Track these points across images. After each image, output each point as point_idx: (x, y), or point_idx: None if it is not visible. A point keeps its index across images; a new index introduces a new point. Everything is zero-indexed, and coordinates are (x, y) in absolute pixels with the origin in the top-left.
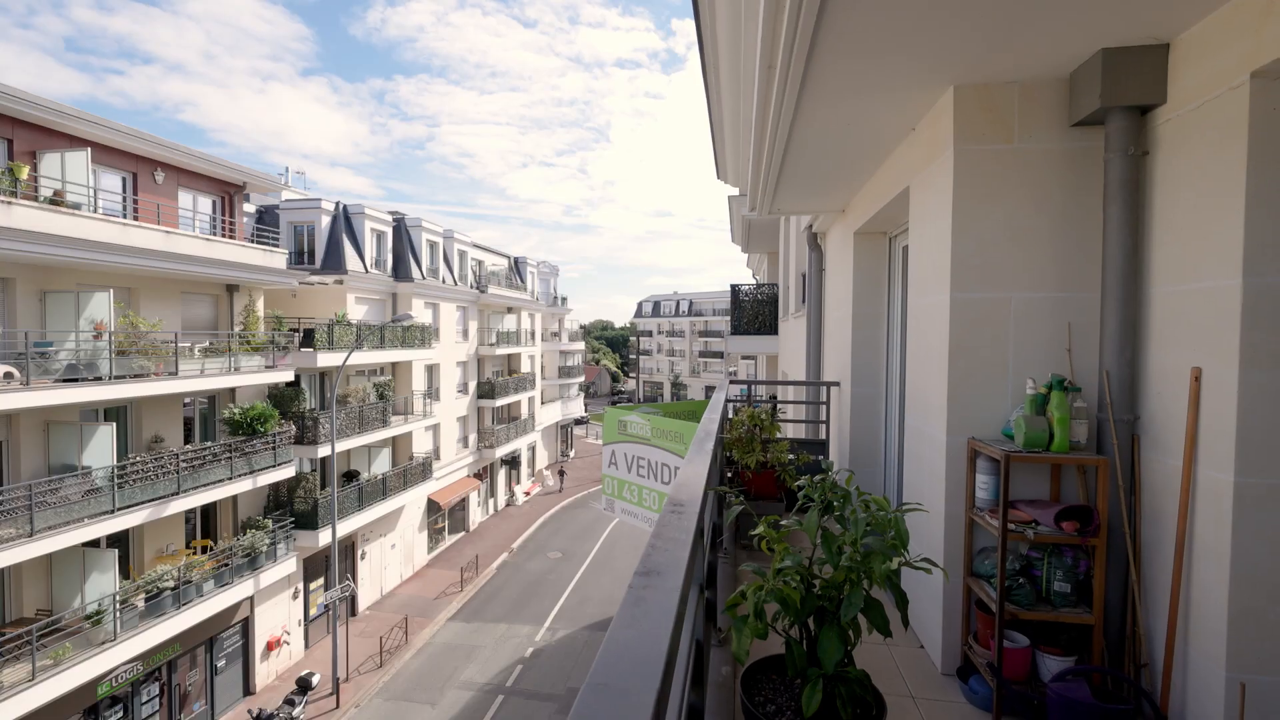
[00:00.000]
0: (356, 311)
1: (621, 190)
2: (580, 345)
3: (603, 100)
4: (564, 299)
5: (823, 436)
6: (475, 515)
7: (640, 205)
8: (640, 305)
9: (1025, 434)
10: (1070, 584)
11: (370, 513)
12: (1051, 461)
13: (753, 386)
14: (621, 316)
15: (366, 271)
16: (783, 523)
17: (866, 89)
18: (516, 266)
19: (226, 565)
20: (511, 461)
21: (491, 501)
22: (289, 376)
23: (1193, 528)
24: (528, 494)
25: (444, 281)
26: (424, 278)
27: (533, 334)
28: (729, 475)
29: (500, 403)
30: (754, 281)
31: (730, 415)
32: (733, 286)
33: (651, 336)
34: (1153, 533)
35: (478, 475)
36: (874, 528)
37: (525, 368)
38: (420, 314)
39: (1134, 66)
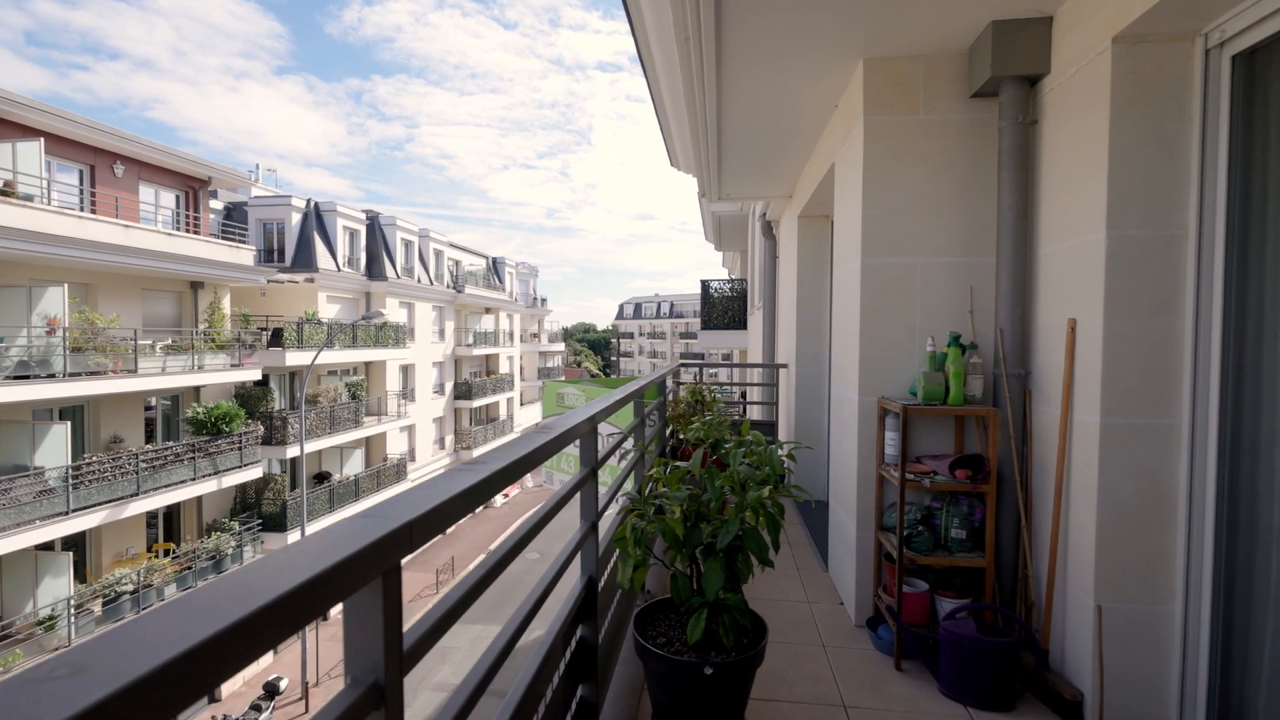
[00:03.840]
0: (328, 310)
1: (603, 193)
2: (560, 346)
3: (584, 103)
4: (543, 300)
5: (774, 418)
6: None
7: (622, 208)
8: (621, 307)
9: (924, 389)
10: (966, 530)
11: (342, 515)
12: (947, 414)
13: (703, 369)
14: (604, 319)
15: (339, 270)
16: (679, 463)
17: (781, 61)
18: (495, 267)
19: (190, 569)
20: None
21: (480, 506)
22: (256, 375)
23: (1069, 469)
24: (506, 495)
25: (419, 281)
26: (399, 277)
27: (511, 335)
28: (671, 447)
29: (478, 404)
30: (726, 278)
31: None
32: (703, 282)
33: (633, 338)
34: (1041, 478)
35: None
36: (752, 463)
37: (504, 369)
38: (395, 314)
39: (1021, 38)
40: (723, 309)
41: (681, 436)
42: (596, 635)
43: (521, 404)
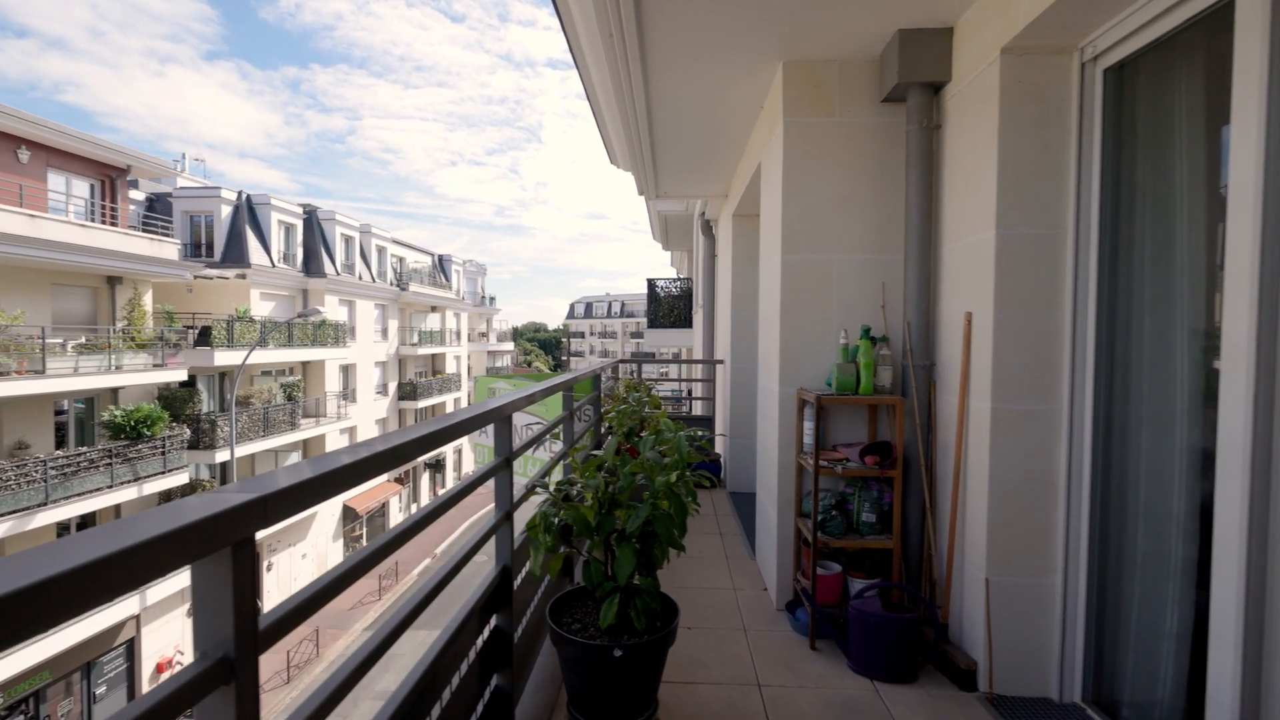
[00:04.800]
0: (262, 308)
1: (554, 192)
2: (510, 346)
3: (534, 100)
4: (492, 299)
5: (712, 413)
6: (396, 518)
7: (573, 207)
8: (573, 307)
9: (837, 380)
10: (876, 514)
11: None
12: (859, 403)
13: (641, 365)
14: (555, 319)
15: (273, 266)
16: (595, 452)
17: (705, 60)
18: (441, 264)
19: None
20: (436, 465)
21: (415, 506)
22: (181, 376)
23: (966, 453)
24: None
25: (361, 278)
26: (338, 274)
27: (459, 334)
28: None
29: (423, 405)
30: (672, 277)
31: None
32: (649, 281)
33: (584, 338)
34: (943, 463)
35: (399, 480)
36: (665, 450)
37: (451, 368)
38: (334, 312)
39: (926, 47)
40: (668, 307)
41: (609, 428)
42: (512, 624)
43: (469, 405)
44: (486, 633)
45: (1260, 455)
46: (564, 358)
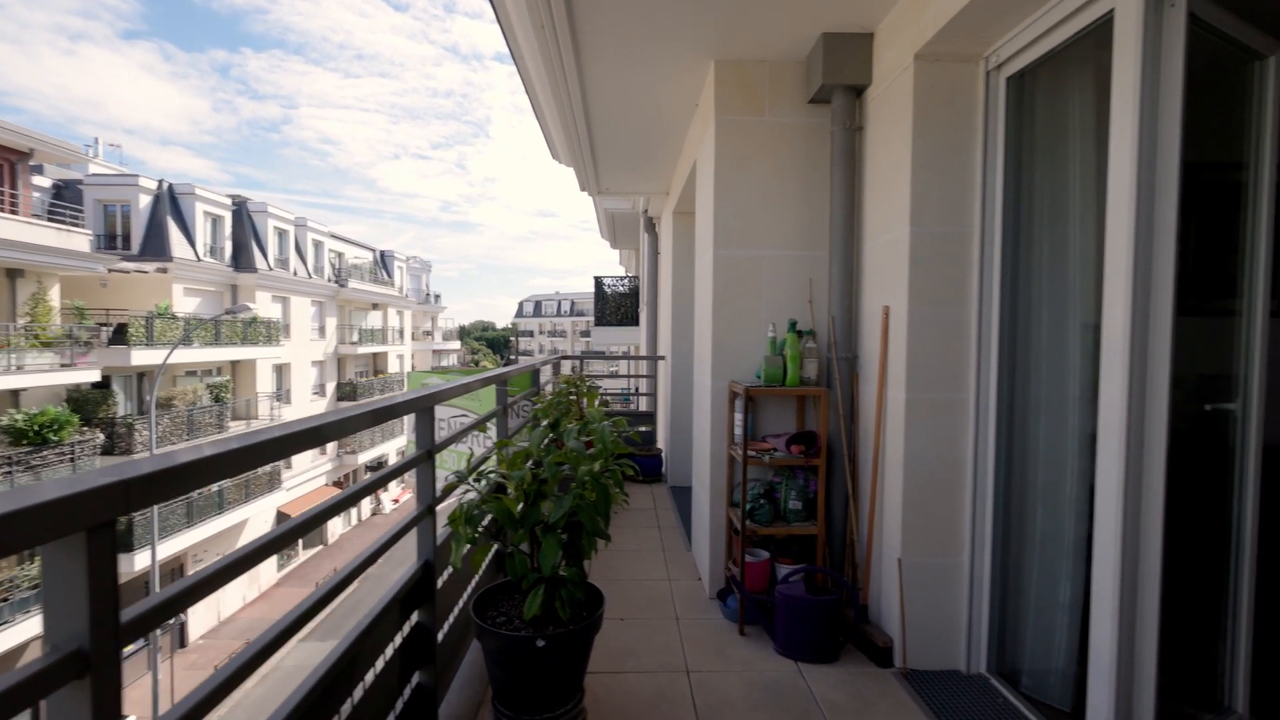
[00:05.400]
0: (186, 304)
1: (503, 188)
2: (456, 345)
3: (482, 94)
4: (437, 296)
5: (654, 408)
6: (335, 527)
7: (522, 204)
8: (521, 305)
9: (765, 372)
10: (802, 501)
11: (203, 529)
12: (786, 394)
13: (583, 361)
14: (504, 317)
15: (199, 260)
16: (523, 444)
17: (638, 55)
18: (383, 260)
19: (5, 600)
20: (378, 468)
21: (355, 511)
22: (94, 377)
23: (884, 441)
24: (396, 501)
25: (296, 274)
26: (271, 269)
27: (402, 333)
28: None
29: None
30: (620, 275)
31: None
32: (597, 279)
33: (533, 337)
34: (865, 451)
35: (338, 484)
36: (591, 440)
37: (394, 368)
38: (267, 308)
39: (849, 51)
40: (616, 305)
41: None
42: (435, 621)
43: None
44: (407, 629)
45: (1134, 439)
46: (512, 357)
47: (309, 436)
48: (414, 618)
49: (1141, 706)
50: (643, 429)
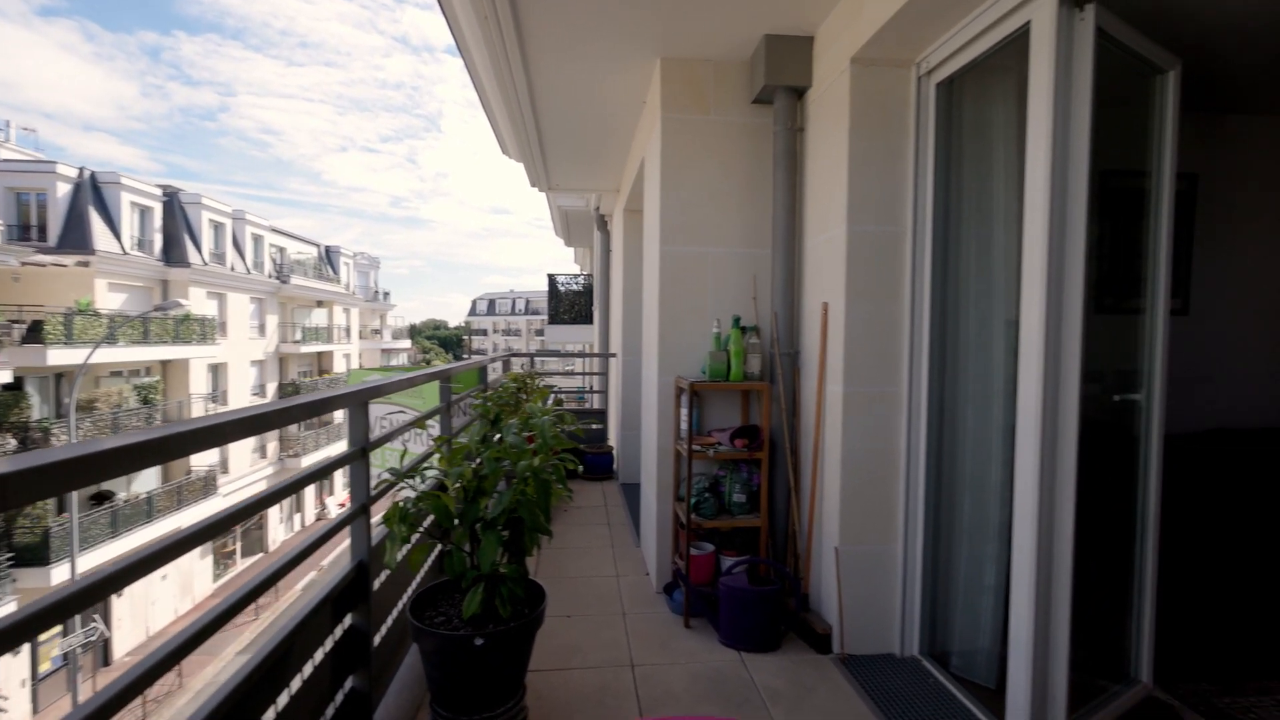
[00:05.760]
0: (111, 300)
1: (456, 184)
2: (406, 344)
3: (433, 87)
4: (386, 294)
5: (606, 405)
6: (277, 533)
7: (476, 201)
8: (475, 303)
9: (710, 367)
10: (746, 494)
11: (129, 540)
12: (731, 389)
13: (534, 359)
14: (457, 316)
15: (125, 253)
16: (462, 439)
17: (584, 50)
18: (328, 256)
19: None
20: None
21: (298, 516)
22: (5, 377)
23: (824, 434)
24: (342, 505)
25: (233, 269)
26: (206, 263)
27: (348, 331)
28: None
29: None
30: (574, 273)
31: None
32: (550, 276)
33: (487, 335)
34: (806, 444)
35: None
36: (534, 434)
37: (340, 368)
38: (202, 305)
39: (790, 53)
40: (570, 303)
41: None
42: (370, 623)
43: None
44: (339, 632)
45: (1049, 429)
46: (465, 356)
47: (217, 433)
48: (347, 620)
49: (1055, 680)
50: (595, 426)
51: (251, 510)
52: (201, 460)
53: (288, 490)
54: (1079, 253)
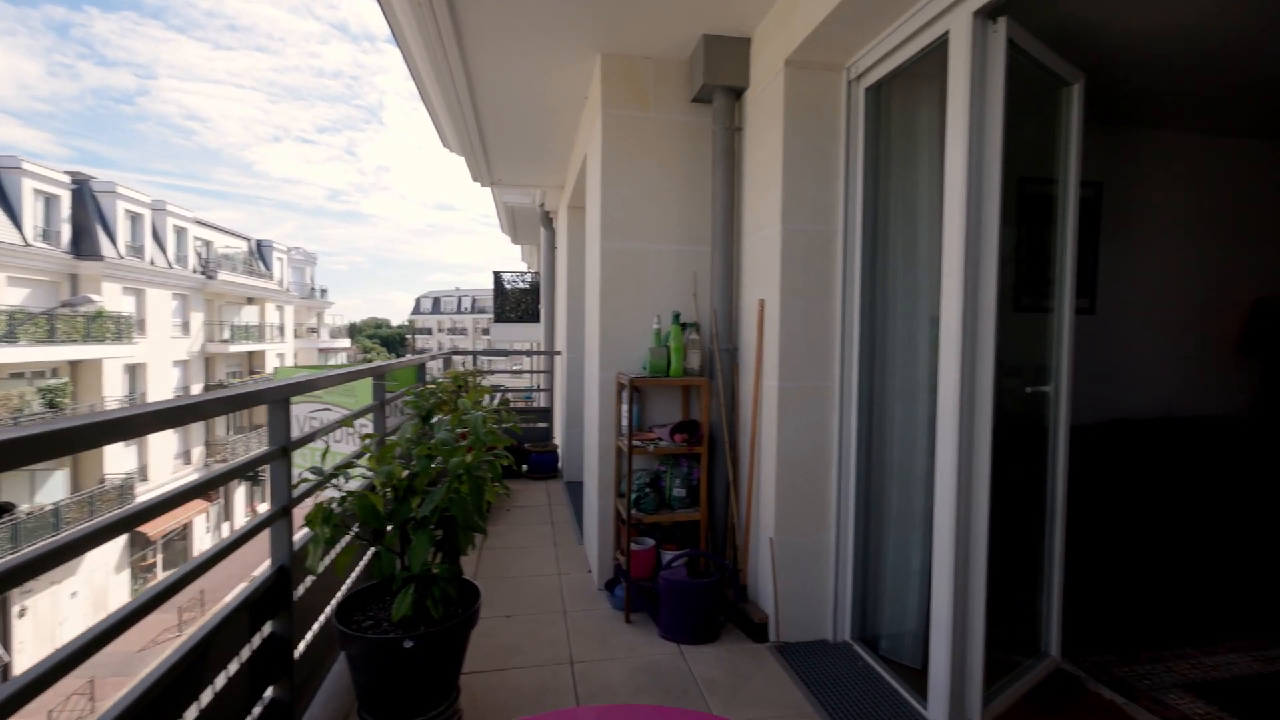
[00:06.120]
0: (11, 296)
1: (398, 178)
2: (346, 343)
3: (374, 78)
4: (324, 291)
5: (551, 404)
6: (204, 544)
7: (420, 196)
8: (419, 301)
9: (650, 363)
10: (686, 488)
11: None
12: (671, 385)
13: (476, 357)
14: (400, 314)
15: (26, 244)
16: (391, 437)
17: (523, 43)
18: (260, 251)
19: None
20: (254, 477)
21: (227, 525)
22: None
23: (761, 428)
24: None
25: (153, 263)
26: (122, 256)
27: (282, 329)
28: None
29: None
30: (521, 270)
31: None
32: (496, 274)
33: (432, 334)
34: (744, 439)
35: (206, 496)
36: (469, 431)
37: (273, 368)
38: (117, 301)
39: (728, 54)
40: (516, 301)
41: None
42: (292, 631)
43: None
44: (258, 641)
45: (966, 419)
46: (408, 355)
47: (117, 428)
48: (267, 628)
49: (973, 658)
50: (540, 425)
51: (147, 514)
52: (117, 468)
53: (195, 491)
54: (993, 253)
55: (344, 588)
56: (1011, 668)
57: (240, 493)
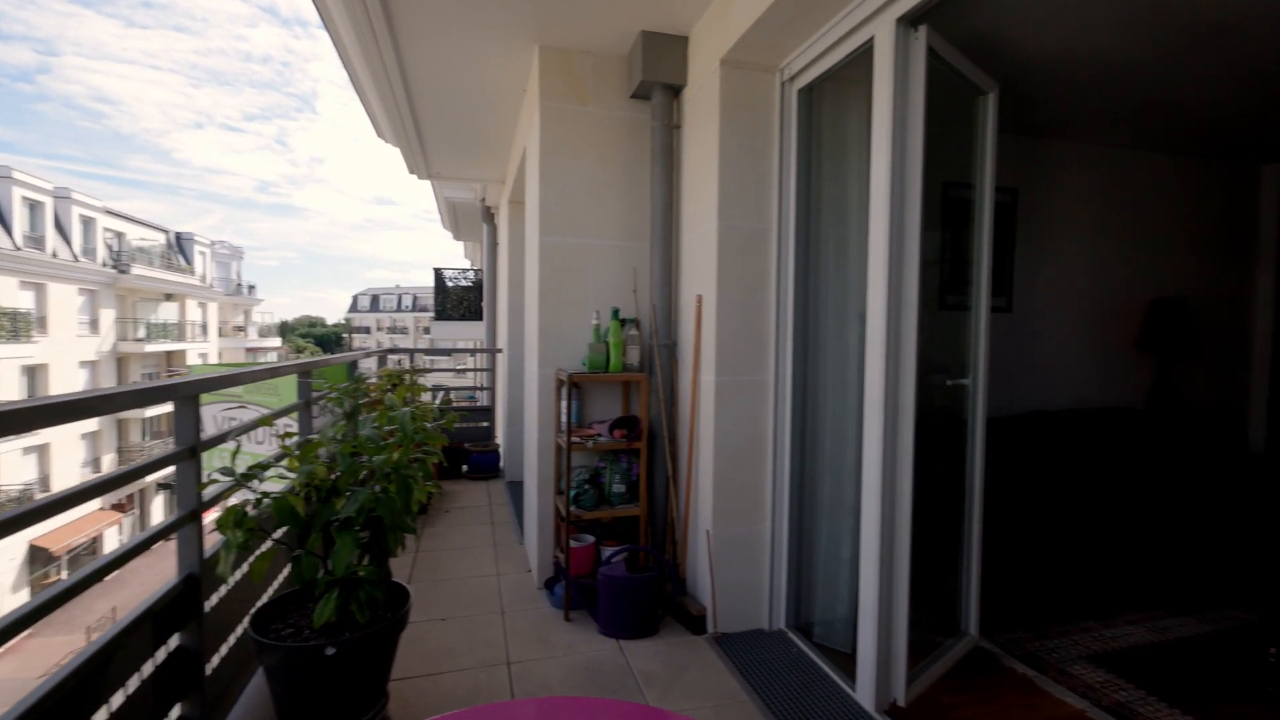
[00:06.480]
0: None
1: (333, 170)
2: (276, 342)
3: (307, 65)
4: (251, 287)
5: (492, 402)
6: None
7: (357, 189)
8: (356, 299)
9: (589, 359)
10: (625, 484)
11: None
12: (611, 380)
13: (413, 354)
14: (336, 312)
15: None
16: (312, 436)
17: (459, 33)
18: (180, 244)
19: None
20: (172, 485)
21: (144, 535)
22: None
23: (699, 422)
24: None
25: (55, 255)
26: (18, 248)
27: (205, 328)
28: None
29: (154, 413)
30: (463, 267)
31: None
32: (436, 270)
33: (370, 333)
34: (683, 433)
35: (118, 506)
36: (395, 428)
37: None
38: (13, 297)
39: (666, 51)
40: (458, 299)
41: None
42: (203, 644)
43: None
44: (164, 655)
45: (890, 411)
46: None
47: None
48: (174, 641)
49: (897, 640)
50: (482, 425)
51: (30, 517)
52: (15, 478)
53: (90, 493)
54: (915, 253)
55: (265, 597)
56: (934, 647)
57: (158, 502)
